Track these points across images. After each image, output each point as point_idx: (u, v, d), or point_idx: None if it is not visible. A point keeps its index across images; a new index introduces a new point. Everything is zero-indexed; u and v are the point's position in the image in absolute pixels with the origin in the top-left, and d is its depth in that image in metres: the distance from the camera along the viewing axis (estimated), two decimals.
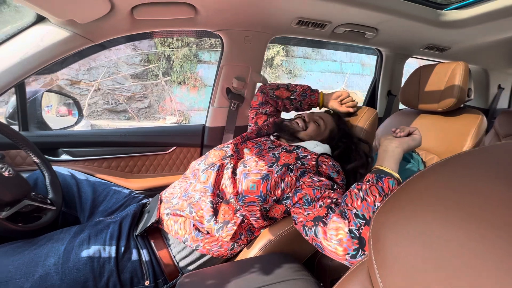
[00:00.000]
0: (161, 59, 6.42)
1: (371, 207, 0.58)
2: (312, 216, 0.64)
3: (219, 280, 0.63)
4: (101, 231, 0.75)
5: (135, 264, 0.72)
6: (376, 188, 0.60)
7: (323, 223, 0.61)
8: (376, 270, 0.29)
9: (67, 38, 0.90)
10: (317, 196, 0.67)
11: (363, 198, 0.60)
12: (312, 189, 0.69)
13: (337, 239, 0.57)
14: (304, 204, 0.67)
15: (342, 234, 0.57)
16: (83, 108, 5.46)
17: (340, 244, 0.57)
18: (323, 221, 0.61)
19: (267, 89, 1.17)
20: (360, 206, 0.59)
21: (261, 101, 1.17)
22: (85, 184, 0.95)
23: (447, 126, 1.24)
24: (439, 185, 0.29)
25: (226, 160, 0.82)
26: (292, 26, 1.16)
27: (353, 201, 0.60)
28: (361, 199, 0.60)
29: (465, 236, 0.23)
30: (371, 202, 0.58)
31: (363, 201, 0.59)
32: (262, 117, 1.15)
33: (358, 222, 0.57)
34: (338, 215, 0.60)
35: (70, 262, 0.66)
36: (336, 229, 0.58)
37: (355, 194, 0.61)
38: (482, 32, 1.35)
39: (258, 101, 1.18)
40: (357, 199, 0.60)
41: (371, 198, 0.59)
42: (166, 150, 1.30)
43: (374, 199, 0.58)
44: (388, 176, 0.62)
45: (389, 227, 0.30)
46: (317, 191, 0.68)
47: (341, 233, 0.57)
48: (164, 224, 0.78)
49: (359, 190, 0.62)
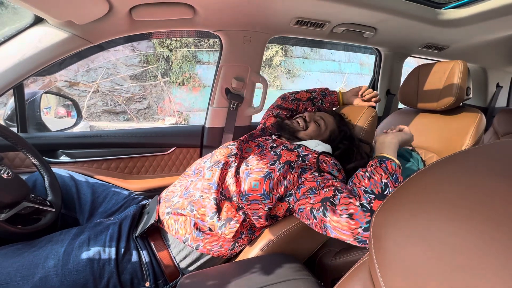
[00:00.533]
0: (159, 60, 6.42)
1: (378, 183, 0.62)
2: (319, 198, 0.66)
3: (220, 281, 0.63)
4: (101, 233, 0.75)
5: (135, 266, 0.72)
6: (380, 168, 0.65)
7: (330, 203, 0.64)
8: (377, 269, 0.29)
9: (65, 39, 0.90)
10: (321, 185, 0.70)
11: (370, 177, 0.64)
12: (316, 182, 0.71)
13: (348, 213, 0.60)
14: (310, 193, 0.69)
15: (353, 208, 0.60)
16: (82, 110, 5.46)
17: (351, 218, 0.59)
18: (330, 201, 0.64)
19: (287, 94, 1.24)
20: (368, 184, 0.63)
21: (277, 105, 1.22)
22: (84, 186, 0.95)
23: (446, 124, 1.24)
24: (439, 184, 0.29)
25: (231, 158, 0.82)
26: (291, 26, 1.16)
27: (361, 181, 0.65)
28: (368, 177, 0.64)
29: (466, 234, 0.23)
30: (378, 179, 0.63)
31: (370, 179, 0.64)
32: (273, 119, 1.18)
33: (368, 196, 0.61)
34: (347, 193, 0.64)
35: (70, 264, 0.66)
36: (347, 204, 0.62)
37: (361, 175, 0.67)
38: (480, 31, 1.35)
39: (275, 104, 1.24)
40: (364, 179, 0.65)
41: (377, 176, 0.64)
42: (165, 151, 1.29)
43: (380, 177, 0.63)
44: (390, 159, 0.68)
45: (389, 226, 0.30)
46: (320, 182, 0.71)
47: (352, 207, 0.61)
48: (165, 224, 0.78)
49: (365, 172, 0.67)
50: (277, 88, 7.71)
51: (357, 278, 0.38)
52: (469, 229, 0.23)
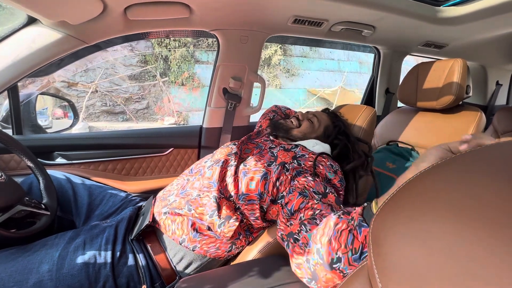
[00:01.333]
0: (158, 60, 6.40)
1: (332, 253, 0.50)
2: (288, 231, 0.63)
3: (217, 284, 0.62)
4: (97, 236, 0.74)
5: (132, 269, 0.71)
6: (348, 235, 0.50)
7: (294, 240, 0.60)
8: (376, 274, 0.28)
9: (59, 39, 0.88)
10: (300, 206, 0.65)
11: (330, 238, 0.52)
12: (300, 193, 0.67)
13: (296, 263, 0.58)
14: (287, 214, 0.66)
15: (301, 259, 0.57)
16: (81, 110, 5.44)
17: (298, 267, 0.57)
18: (294, 237, 0.60)
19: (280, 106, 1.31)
20: (324, 245, 0.52)
21: (272, 110, 1.27)
22: (81, 188, 0.94)
23: (446, 123, 1.23)
24: (439, 185, 0.29)
25: (231, 157, 0.82)
26: (289, 25, 1.15)
27: (322, 235, 0.53)
28: (328, 238, 0.52)
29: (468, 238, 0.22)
30: (334, 248, 0.50)
31: (329, 242, 0.51)
32: (268, 122, 1.19)
33: (317, 259, 0.53)
34: (304, 240, 0.58)
35: (65, 268, 0.65)
36: (297, 253, 0.58)
37: (328, 229, 0.53)
38: (480, 29, 1.34)
39: (270, 110, 1.27)
40: (326, 235, 0.53)
41: (336, 245, 0.50)
42: (163, 152, 1.28)
43: (338, 248, 0.50)
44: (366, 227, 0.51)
45: (388, 229, 0.29)
46: (302, 198, 0.66)
47: (300, 258, 0.57)
48: (161, 224, 0.77)
49: (334, 226, 0.53)
50: (276, 87, 7.70)
51: (356, 282, 0.37)
52: (471, 232, 0.22)
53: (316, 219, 0.60)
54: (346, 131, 0.97)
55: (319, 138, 0.96)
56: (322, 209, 0.63)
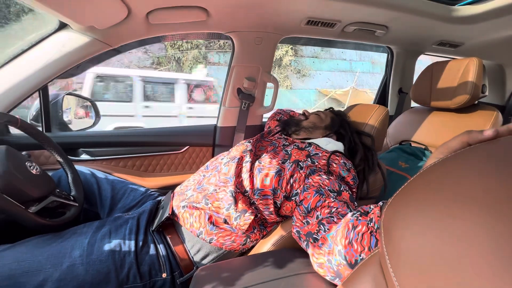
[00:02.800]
0: (171, 62, 6.53)
1: (355, 255, 0.51)
2: (306, 230, 0.65)
3: (233, 273, 0.65)
4: (121, 226, 0.79)
5: (153, 258, 0.75)
6: (370, 238, 0.50)
7: (313, 239, 0.62)
8: (387, 261, 0.29)
9: (87, 43, 0.95)
10: (317, 205, 0.67)
11: (350, 241, 0.52)
12: (316, 191, 0.70)
13: (318, 262, 0.59)
14: (304, 212, 0.68)
15: (322, 259, 0.58)
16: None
17: (320, 266, 0.59)
18: (314, 237, 0.62)
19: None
20: (346, 247, 0.52)
21: (278, 111, 1.35)
22: (104, 182, 1.00)
23: (461, 123, 1.22)
24: (453, 177, 0.29)
25: (246, 154, 0.85)
26: (302, 26, 1.17)
27: (342, 237, 0.54)
28: (349, 240, 0.52)
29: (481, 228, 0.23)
30: (356, 250, 0.51)
31: (350, 244, 0.52)
32: (276, 122, 1.25)
33: (339, 260, 0.53)
34: (324, 240, 0.59)
35: (94, 254, 0.70)
36: (318, 253, 0.59)
37: (347, 230, 0.54)
38: (497, 27, 1.32)
39: (277, 112, 1.36)
40: (346, 237, 0.53)
41: (359, 247, 0.51)
42: (179, 150, 1.33)
43: (361, 250, 0.50)
44: None
45: (400, 219, 0.30)
46: (319, 196, 0.68)
47: (322, 258, 0.58)
48: (180, 217, 0.81)
49: (353, 228, 0.53)
50: (287, 88, 7.68)
51: (367, 271, 0.38)
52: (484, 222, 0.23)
53: (334, 217, 0.62)
54: (348, 122, 1.03)
55: (328, 128, 1.00)
56: (338, 207, 0.65)
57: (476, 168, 0.29)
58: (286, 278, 0.63)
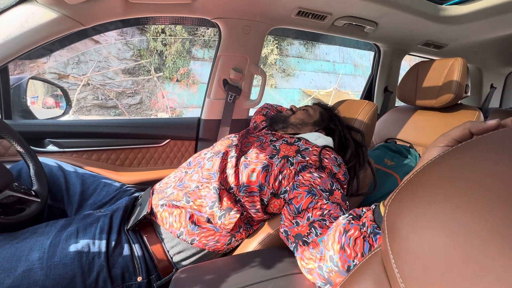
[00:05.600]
0: (153, 55, 6.30)
1: (348, 260, 0.48)
2: (295, 232, 0.61)
3: (217, 275, 0.60)
4: (90, 225, 0.71)
5: (127, 259, 0.68)
6: (363, 243, 0.47)
7: (303, 242, 0.58)
8: (392, 259, 0.27)
9: (54, 19, 0.84)
10: (308, 206, 0.63)
11: (343, 246, 0.49)
12: (308, 191, 0.66)
13: (307, 268, 0.56)
14: (294, 212, 0.64)
15: (312, 265, 0.55)
16: (72, 103, 5.31)
17: (310, 272, 0.56)
18: (303, 240, 0.58)
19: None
20: (339, 252, 0.50)
21: (265, 106, 1.30)
22: (73, 176, 0.90)
23: (445, 122, 1.24)
24: (467, 167, 0.27)
25: (231, 149, 0.81)
26: (292, 17, 1.13)
27: (334, 241, 0.51)
28: (341, 245, 0.50)
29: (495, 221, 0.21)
30: (350, 256, 0.48)
31: (343, 249, 0.49)
32: (262, 117, 1.21)
33: (331, 266, 0.51)
34: (315, 245, 0.55)
35: (56, 256, 0.61)
36: (308, 258, 0.56)
37: (339, 235, 0.51)
38: (480, 29, 1.35)
39: (263, 106, 1.30)
40: (338, 242, 0.51)
41: (352, 253, 0.48)
42: (159, 143, 1.25)
43: (354, 256, 0.48)
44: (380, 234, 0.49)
45: (406, 214, 0.28)
46: (311, 197, 0.64)
47: (312, 263, 0.55)
48: (158, 216, 0.74)
49: (345, 232, 0.50)
50: (271, 86, 7.69)
51: (369, 270, 0.35)
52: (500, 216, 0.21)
53: (326, 220, 0.59)
54: (338, 117, 1.00)
55: (317, 124, 0.97)
56: (331, 209, 0.61)
57: (492, 157, 0.26)
58: (274, 280, 0.59)
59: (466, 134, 0.36)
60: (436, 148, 0.39)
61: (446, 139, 0.39)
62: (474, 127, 0.34)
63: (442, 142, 0.39)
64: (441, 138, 0.40)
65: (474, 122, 0.36)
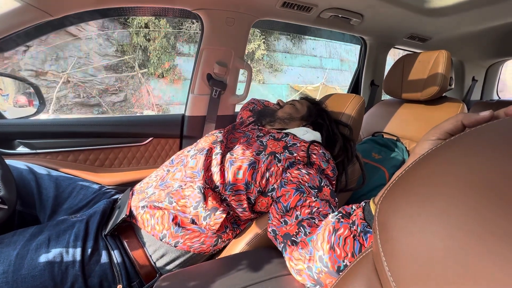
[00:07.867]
0: (137, 50, 6.10)
1: (338, 261, 0.46)
2: (283, 231, 0.59)
3: (202, 280, 0.57)
4: (64, 232, 0.65)
5: (105, 267, 0.63)
6: (353, 243, 0.46)
7: (291, 242, 0.56)
8: (384, 261, 0.26)
9: (18, 9, 0.77)
10: (297, 204, 0.61)
11: (332, 245, 0.47)
12: (296, 189, 0.64)
13: (296, 269, 0.54)
14: (282, 210, 0.62)
15: (301, 266, 0.53)
16: (51, 102, 5.07)
17: (299, 273, 0.54)
18: (292, 239, 0.56)
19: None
20: (328, 252, 0.48)
21: (251, 101, 1.25)
22: (46, 179, 0.84)
23: (430, 115, 1.25)
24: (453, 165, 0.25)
25: (216, 145, 0.77)
26: (277, 8, 1.10)
27: (323, 241, 0.49)
28: (330, 245, 0.48)
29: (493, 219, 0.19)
30: (340, 256, 0.46)
31: (332, 249, 0.47)
32: (249, 113, 1.18)
33: (320, 267, 0.49)
34: (304, 245, 0.53)
35: (24, 269, 0.56)
36: (297, 259, 0.54)
37: (328, 234, 0.49)
38: (463, 22, 1.37)
39: (249, 102, 1.26)
40: (328, 241, 0.49)
41: (342, 253, 0.46)
42: (141, 142, 1.19)
43: (344, 256, 0.46)
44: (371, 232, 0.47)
45: (397, 213, 0.27)
46: (299, 195, 0.62)
47: (301, 264, 0.53)
48: (139, 219, 0.70)
49: (334, 232, 0.48)
50: (259, 82, 7.65)
51: (360, 272, 0.34)
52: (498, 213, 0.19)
53: (315, 219, 0.57)
54: (326, 110, 0.98)
55: (304, 119, 0.95)
56: (320, 207, 0.60)
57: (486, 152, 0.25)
58: (263, 283, 0.56)
59: (458, 127, 0.35)
60: (428, 141, 0.37)
61: (438, 132, 0.37)
62: (467, 119, 0.33)
63: (434, 135, 0.37)
64: (432, 131, 0.38)
65: (467, 114, 0.35)
